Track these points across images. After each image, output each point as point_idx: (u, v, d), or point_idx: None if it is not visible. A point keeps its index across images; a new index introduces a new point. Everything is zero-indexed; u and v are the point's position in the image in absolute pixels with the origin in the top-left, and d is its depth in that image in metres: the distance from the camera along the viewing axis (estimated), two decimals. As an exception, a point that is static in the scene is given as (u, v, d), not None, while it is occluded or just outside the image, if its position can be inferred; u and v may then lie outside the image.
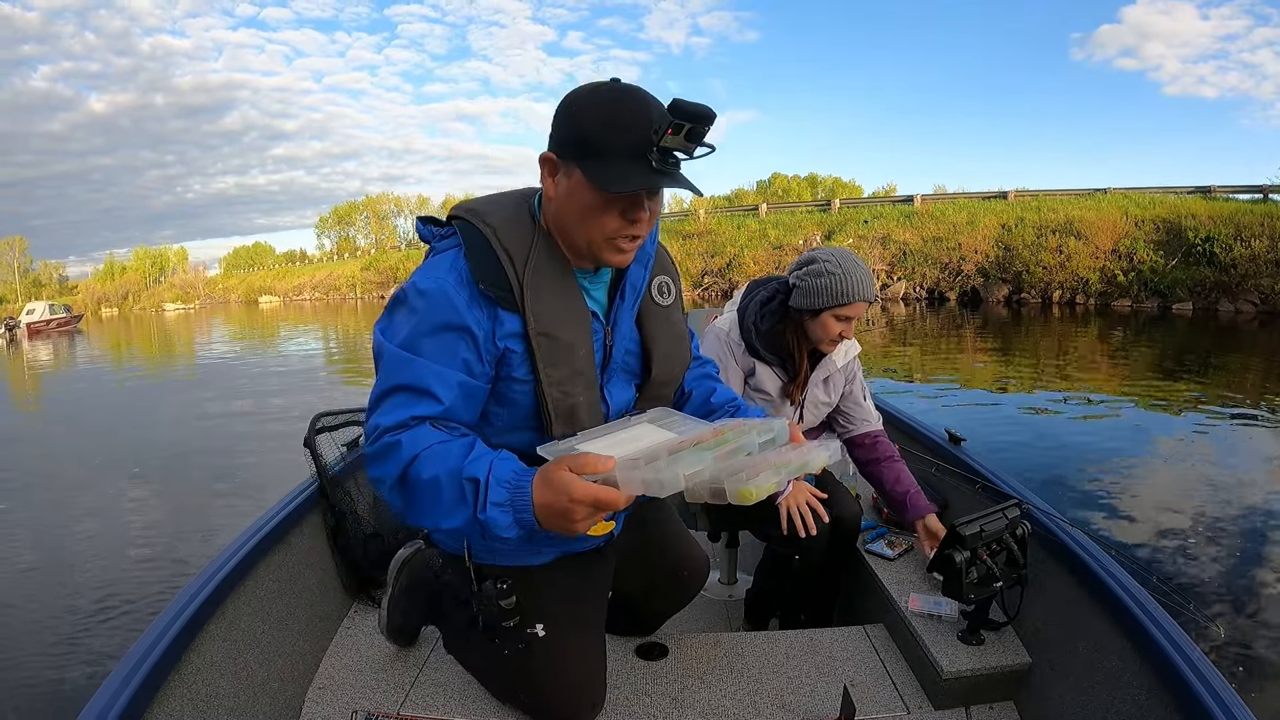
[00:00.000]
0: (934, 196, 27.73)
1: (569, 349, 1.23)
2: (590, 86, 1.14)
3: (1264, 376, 8.96)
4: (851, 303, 1.88)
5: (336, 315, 33.73)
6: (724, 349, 2.02)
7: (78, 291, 74.70)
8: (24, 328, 31.64)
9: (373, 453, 1.15)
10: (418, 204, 77.34)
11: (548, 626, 1.42)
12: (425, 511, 1.11)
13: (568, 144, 1.13)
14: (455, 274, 1.17)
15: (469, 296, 1.17)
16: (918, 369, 10.20)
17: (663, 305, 1.39)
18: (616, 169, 1.08)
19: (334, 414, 2.20)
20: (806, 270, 1.92)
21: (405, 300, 1.18)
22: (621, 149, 1.08)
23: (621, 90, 1.12)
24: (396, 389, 1.16)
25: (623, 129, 1.08)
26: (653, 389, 1.40)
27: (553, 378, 1.22)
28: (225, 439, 7.46)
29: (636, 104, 1.10)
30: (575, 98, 1.14)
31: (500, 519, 1.05)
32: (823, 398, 2.11)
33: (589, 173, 1.10)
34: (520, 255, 1.18)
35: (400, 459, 1.11)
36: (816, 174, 59.32)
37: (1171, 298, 17.83)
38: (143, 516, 5.01)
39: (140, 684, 1.18)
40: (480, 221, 1.19)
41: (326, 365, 14.21)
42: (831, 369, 2.08)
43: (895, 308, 20.73)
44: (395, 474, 1.12)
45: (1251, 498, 4.57)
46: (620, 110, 1.09)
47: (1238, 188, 22.46)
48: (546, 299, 1.20)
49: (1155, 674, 1.31)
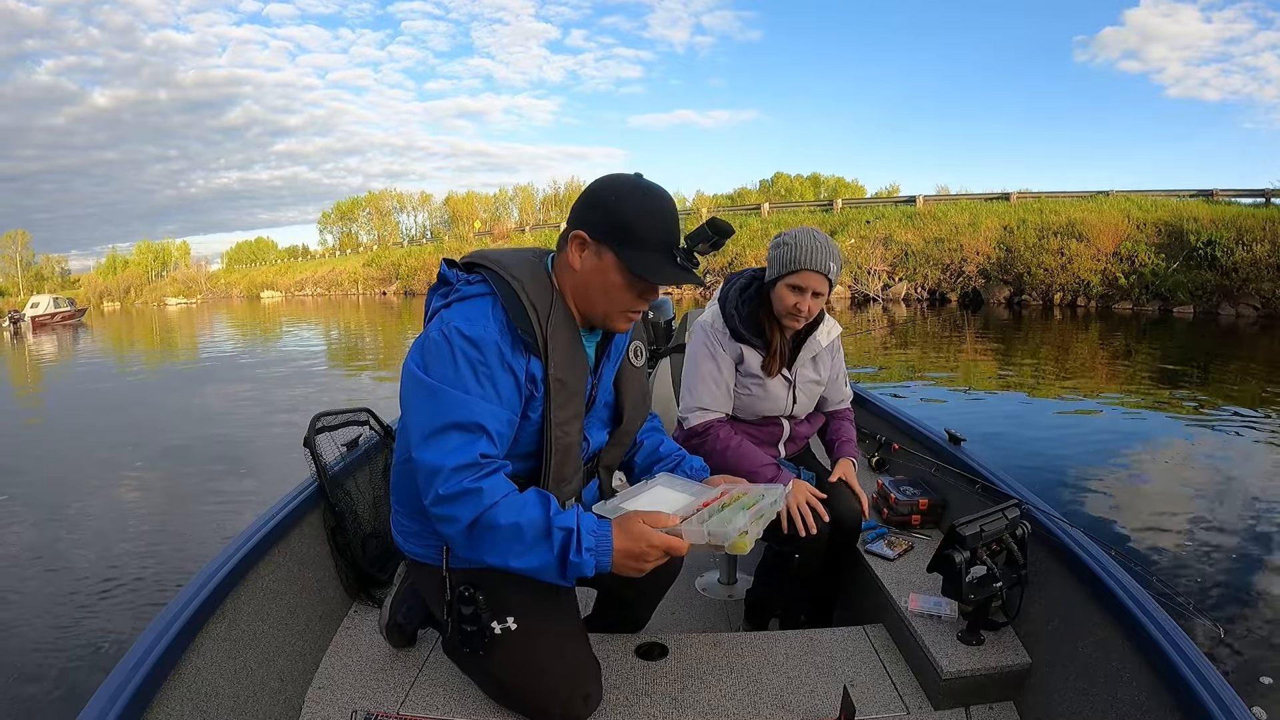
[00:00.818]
0: (936, 197, 27.71)
1: (574, 394, 1.40)
2: (624, 181, 1.33)
3: (1264, 380, 8.94)
4: (798, 270, 1.93)
5: (339, 311, 33.74)
6: (711, 341, 2.07)
7: (80, 285, 74.36)
8: (29, 321, 31.64)
9: (447, 494, 1.26)
10: (420, 200, 77.45)
11: (519, 618, 1.46)
12: (497, 551, 1.27)
13: (603, 228, 1.31)
14: (496, 322, 1.31)
15: (511, 343, 1.32)
16: (918, 369, 10.20)
17: (636, 366, 1.61)
18: (651, 260, 1.31)
19: (334, 414, 2.19)
20: (773, 243, 2.01)
21: (450, 343, 1.29)
22: (655, 243, 1.31)
23: (654, 190, 1.33)
24: (451, 426, 1.27)
25: (657, 224, 1.31)
26: (620, 436, 1.62)
27: (559, 419, 1.39)
28: (230, 429, 7.49)
29: (667, 205, 1.33)
30: (613, 190, 1.33)
31: (588, 561, 1.26)
32: (813, 376, 2.15)
33: (625, 258, 1.30)
34: (544, 309, 1.34)
35: (479, 504, 1.25)
36: (819, 174, 59.45)
37: (1173, 301, 17.82)
38: (144, 510, 5.03)
39: (140, 684, 1.17)
40: (509, 275, 1.34)
41: (329, 360, 14.23)
42: (818, 348, 2.13)
43: (896, 308, 20.72)
44: (470, 518, 1.26)
45: (1251, 499, 4.57)
46: (655, 207, 1.32)
47: (1240, 191, 22.44)
48: (561, 349, 1.36)
49: (1155, 674, 1.31)
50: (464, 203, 70.72)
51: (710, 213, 30.98)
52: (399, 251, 53.81)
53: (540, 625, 1.48)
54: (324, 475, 2.01)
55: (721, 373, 2.05)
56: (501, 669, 1.48)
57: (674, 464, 1.69)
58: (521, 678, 1.47)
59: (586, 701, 1.50)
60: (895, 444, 2.67)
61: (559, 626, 1.51)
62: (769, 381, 2.07)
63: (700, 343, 2.08)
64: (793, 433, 2.19)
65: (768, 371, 2.05)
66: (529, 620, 1.47)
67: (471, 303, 1.33)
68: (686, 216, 31.58)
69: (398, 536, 1.57)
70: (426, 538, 1.50)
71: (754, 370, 2.06)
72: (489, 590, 1.45)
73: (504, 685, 1.50)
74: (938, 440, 2.44)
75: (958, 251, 22.28)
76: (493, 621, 1.45)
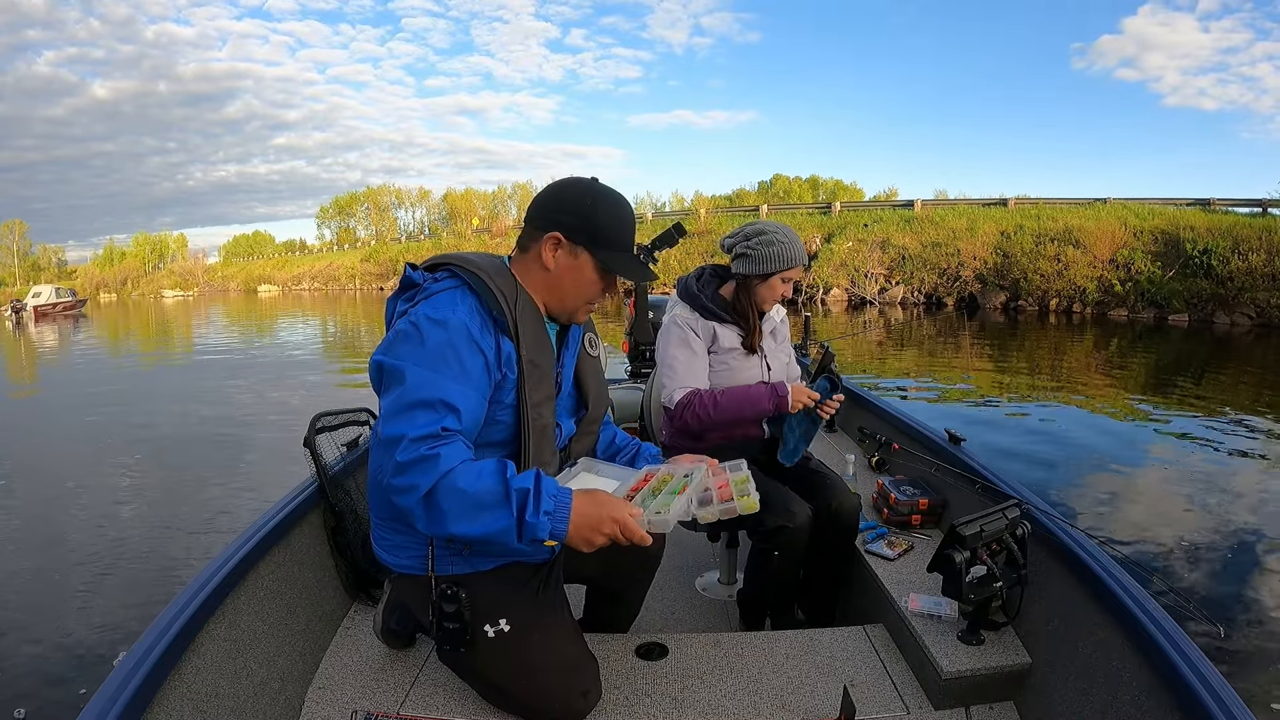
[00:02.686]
0: (934, 202, 27.75)
1: (545, 376, 1.46)
2: (590, 187, 1.45)
3: (1260, 387, 9.00)
4: (796, 266, 2.20)
5: (336, 306, 33.66)
6: (683, 330, 2.21)
7: (76, 276, 74.09)
8: (31, 310, 31.42)
9: (405, 461, 1.24)
10: (419, 196, 77.30)
11: (510, 621, 1.47)
12: (455, 518, 1.24)
13: (580, 232, 1.42)
14: (465, 305, 1.36)
15: (480, 323, 1.36)
16: (914, 371, 10.23)
17: (593, 356, 1.70)
18: (621, 260, 1.46)
19: (334, 414, 2.18)
20: (758, 240, 2.18)
21: (418, 329, 1.32)
22: (623, 244, 1.46)
23: (619, 197, 1.48)
24: (418, 404, 1.27)
25: (625, 231, 1.46)
26: (587, 425, 1.67)
27: (534, 399, 1.43)
28: (231, 422, 7.47)
29: (630, 212, 1.49)
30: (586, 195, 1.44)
31: (544, 523, 1.24)
32: (775, 346, 2.37)
33: (600, 258, 1.44)
34: (510, 295, 1.41)
35: (436, 470, 1.24)
36: (818, 176, 59.33)
37: (1168, 309, 17.85)
38: (144, 510, 5.03)
39: (140, 684, 1.17)
40: (474, 266, 1.41)
41: (330, 354, 14.19)
42: (772, 324, 2.37)
43: (893, 312, 20.75)
44: (429, 484, 1.24)
45: (1251, 500, 4.60)
46: (624, 214, 1.47)
47: (1237, 201, 22.52)
48: (530, 333, 1.43)
49: (1155, 674, 1.31)
50: (462, 199, 70.60)
51: (709, 213, 31.21)
52: (397, 247, 53.63)
53: (533, 625, 1.48)
54: (324, 475, 2.01)
55: (696, 354, 2.20)
56: (497, 672, 1.49)
57: (632, 454, 1.74)
58: (519, 679, 1.47)
59: (586, 698, 1.50)
60: (895, 444, 2.67)
61: (552, 625, 1.51)
62: (744, 355, 2.26)
63: (671, 335, 2.22)
64: None
65: (749, 348, 2.25)
66: (521, 621, 1.47)
67: (439, 295, 1.38)
68: (685, 216, 31.61)
69: (379, 550, 1.56)
70: (408, 549, 1.50)
71: (730, 345, 2.23)
72: (479, 594, 1.45)
73: (502, 689, 1.50)
74: (938, 440, 2.45)
75: (955, 256, 22.31)
76: (484, 625, 1.45)
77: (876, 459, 2.79)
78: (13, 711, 2.52)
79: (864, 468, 2.82)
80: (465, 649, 1.47)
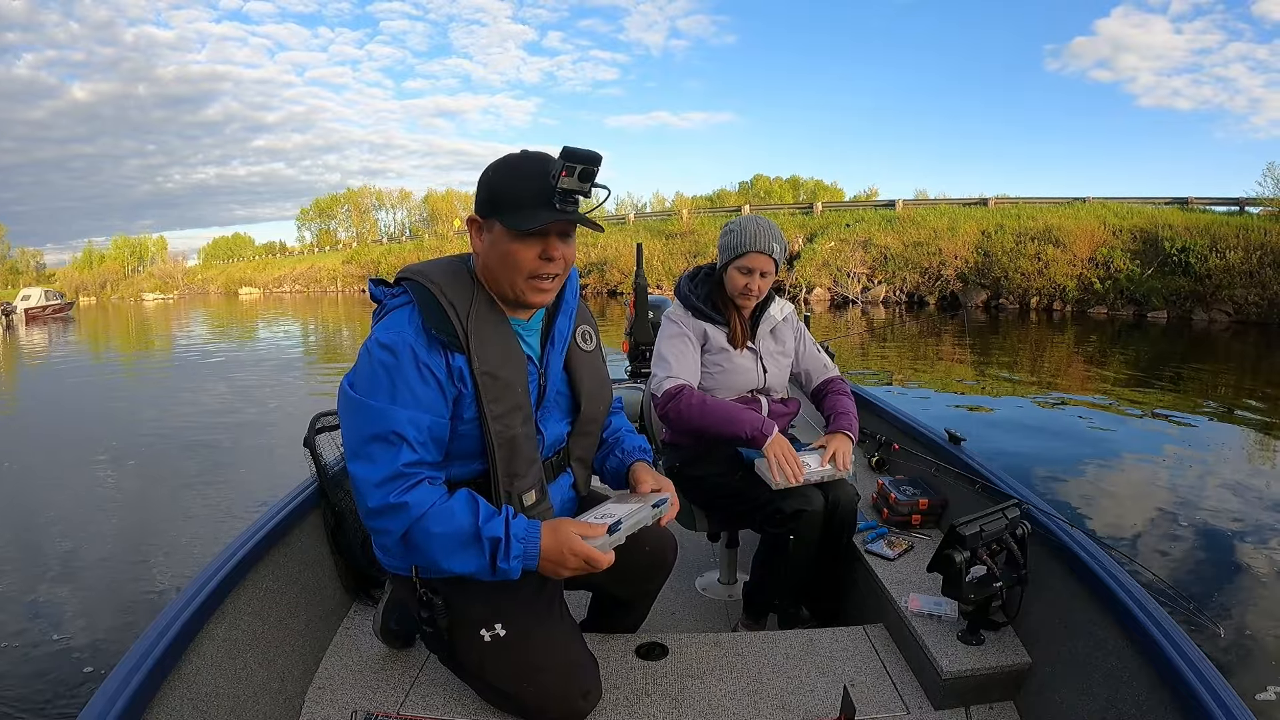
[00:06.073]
0: (916, 201, 27.98)
1: (508, 387, 1.40)
2: (496, 161, 1.38)
3: (1244, 384, 9.16)
4: (745, 253, 2.15)
5: (318, 308, 33.38)
6: (677, 325, 2.23)
7: (55, 279, 72.42)
8: (21, 313, 30.76)
9: (375, 508, 1.31)
10: (400, 198, 76.84)
11: (507, 624, 1.46)
12: (433, 558, 1.32)
13: (485, 204, 1.37)
14: (412, 326, 1.35)
15: (427, 343, 1.34)
16: (897, 370, 10.29)
17: (586, 350, 1.61)
18: (526, 213, 1.32)
19: (333, 414, 2.16)
20: (722, 232, 2.23)
21: (371, 355, 1.34)
22: (528, 198, 1.32)
23: (523, 154, 1.37)
24: (373, 439, 1.31)
25: (526, 180, 1.32)
26: (583, 425, 1.60)
27: (495, 412, 1.39)
28: (229, 420, 7.41)
29: (535, 161, 1.34)
30: (488, 171, 1.38)
31: (515, 567, 1.31)
32: (776, 347, 2.33)
33: (505, 221, 1.33)
34: (463, 306, 1.37)
35: (407, 518, 1.30)
36: (799, 176, 59.50)
37: (1147, 306, 18.11)
38: (145, 508, 4.97)
39: (140, 684, 1.17)
40: (426, 280, 1.38)
41: (309, 357, 14.07)
42: (773, 322, 2.33)
43: (875, 311, 20.87)
44: (401, 529, 1.31)
45: (1250, 500, 4.65)
46: (523, 167, 1.34)
47: (1214, 199, 22.88)
48: (488, 343, 1.38)
49: (1155, 674, 1.32)
50: (444, 200, 70.25)
51: (691, 214, 31.21)
52: (379, 249, 53.41)
53: (530, 627, 1.47)
54: (324, 475, 2.00)
55: (688, 348, 2.19)
56: (497, 675, 1.47)
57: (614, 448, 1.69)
58: (518, 681, 1.46)
59: (586, 698, 1.49)
60: (895, 444, 2.67)
61: (550, 626, 1.51)
62: (735, 355, 2.23)
63: (666, 330, 2.25)
64: (771, 410, 2.26)
65: (734, 345, 2.23)
66: (518, 624, 1.46)
67: (393, 314, 1.38)
68: (667, 218, 31.64)
69: (378, 551, 1.54)
70: None
71: (720, 345, 2.23)
72: (472, 597, 1.44)
73: (502, 691, 1.49)
74: (938, 440, 2.45)
75: (936, 255, 22.49)
76: (480, 630, 1.45)
77: (876, 459, 2.79)
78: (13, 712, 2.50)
79: (864, 468, 2.82)
80: (446, 653, 1.49)
